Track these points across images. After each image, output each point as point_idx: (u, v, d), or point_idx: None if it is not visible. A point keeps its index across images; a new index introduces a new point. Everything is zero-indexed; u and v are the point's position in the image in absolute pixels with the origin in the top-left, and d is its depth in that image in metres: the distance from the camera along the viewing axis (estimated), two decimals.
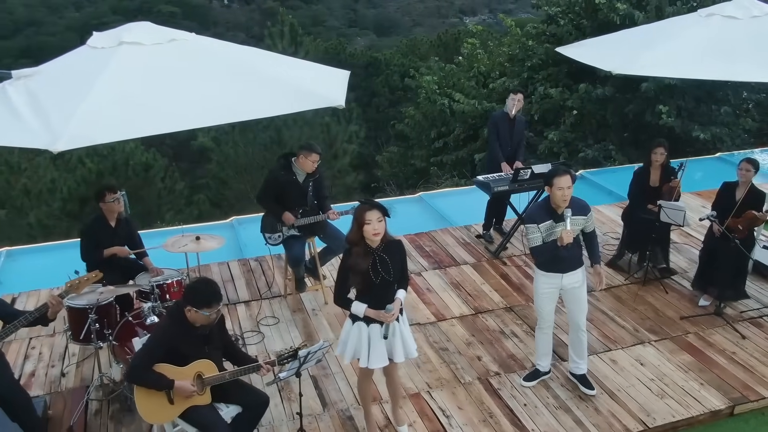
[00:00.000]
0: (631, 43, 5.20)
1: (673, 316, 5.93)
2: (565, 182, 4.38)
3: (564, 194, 4.38)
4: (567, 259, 4.58)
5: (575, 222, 4.47)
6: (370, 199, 3.92)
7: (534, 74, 13.76)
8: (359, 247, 3.93)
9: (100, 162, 22.92)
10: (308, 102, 3.61)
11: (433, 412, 4.74)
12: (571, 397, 4.89)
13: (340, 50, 30.11)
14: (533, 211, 4.64)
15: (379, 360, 4.11)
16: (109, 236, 5.29)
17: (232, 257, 7.36)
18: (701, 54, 4.60)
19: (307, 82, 3.77)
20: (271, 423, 4.65)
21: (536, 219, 4.51)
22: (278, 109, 3.63)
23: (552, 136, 12.06)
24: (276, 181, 5.74)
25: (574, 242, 4.54)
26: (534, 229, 4.50)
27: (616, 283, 6.53)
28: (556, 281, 4.65)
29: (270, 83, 3.57)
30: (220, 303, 3.82)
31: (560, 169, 4.45)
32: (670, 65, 4.82)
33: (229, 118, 3.45)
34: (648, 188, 6.47)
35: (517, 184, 6.74)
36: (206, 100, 3.35)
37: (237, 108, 3.42)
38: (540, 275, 4.71)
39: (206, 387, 3.93)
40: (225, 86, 3.47)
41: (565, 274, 4.63)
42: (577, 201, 4.56)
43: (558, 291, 4.73)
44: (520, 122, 7.12)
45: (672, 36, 4.87)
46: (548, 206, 4.52)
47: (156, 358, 3.80)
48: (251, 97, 3.47)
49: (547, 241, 4.50)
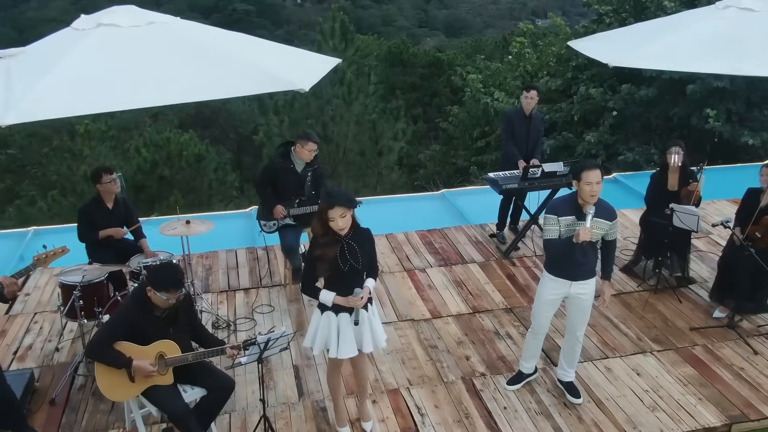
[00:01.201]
0: (637, 36, 4.93)
1: (683, 326, 5.61)
2: (595, 177, 4.09)
3: (592, 189, 4.09)
4: (579, 266, 4.30)
5: (598, 224, 4.19)
6: (334, 191, 3.84)
7: (579, 74, 13.36)
8: (328, 236, 3.86)
9: (155, 152, 23.71)
10: (268, 85, 3.57)
11: (408, 410, 4.63)
12: (556, 403, 4.68)
13: (403, 50, 30.10)
14: (557, 202, 4.37)
15: (348, 350, 4.03)
16: (105, 217, 5.39)
17: (245, 245, 7.41)
18: (705, 47, 4.31)
19: (273, 65, 3.73)
20: (244, 409, 4.64)
21: (558, 211, 4.24)
22: (234, 91, 3.61)
23: (590, 138, 11.68)
24: (273, 169, 5.75)
25: (591, 250, 4.28)
26: (553, 220, 4.24)
27: (627, 289, 6.24)
28: (563, 288, 4.41)
29: (233, 65, 3.55)
30: (178, 290, 3.82)
31: (590, 163, 4.17)
32: (669, 58, 4.54)
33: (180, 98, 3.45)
34: (666, 192, 6.14)
35: (527, 183, 6.52)
36: (162, 81, 3.35)
37: (192, 89, 3.42)
38: (547, 279, 4.47)
39: (168, 367, 3.94)
40: (186, 68, 3.47)
41: (575, 282, 4.36)
42: (605, 205, 4.28)
43: (562, 299, 4.50)
44: (536, 119, 6.87)
45: (680, 28, 4.59)
46: (574, 201, 4.23)
47: (117, 336, 3.84)
48: (209, 79, 3.46)
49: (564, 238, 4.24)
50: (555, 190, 6.77)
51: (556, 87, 13.23)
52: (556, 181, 6.55)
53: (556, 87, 13.24)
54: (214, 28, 4.17)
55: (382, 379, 4.96)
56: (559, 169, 6.49)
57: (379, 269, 4.29)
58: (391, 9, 64.74)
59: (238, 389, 4.85)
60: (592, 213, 4.14)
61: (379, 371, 5.05)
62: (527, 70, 16.28)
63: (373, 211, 9.15)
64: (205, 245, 7.24)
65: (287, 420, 4.54)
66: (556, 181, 6.55)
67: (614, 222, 4.30)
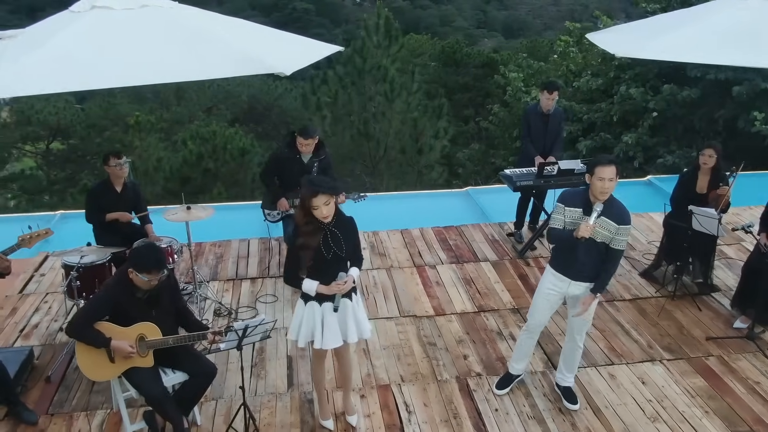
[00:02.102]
0: (653, 28, 4.68)
1: (699, 335, 5.32)
2: (608, 173, 3.89)
3: (604, 186, 3.90)
4: (581, 265, 4.10)
5: (604, 224, 3.98)
6: (316, 179, 3.77)
7: (621, 73, 12.93)
8: (311, 225, 3.80)
9: (201, 144, 24.18)
10: (249, 68, 3.52)
11: (396, 406, 4.52)
12: (550, 408, 4.49)
13: (456, 50, 29.94)
14: (568, 192, 4.18)
15: (333, 340, 3.95)
16: (113, 201, 5.46)
17: (260, 236, 7.41)
18: (720, 39, 4.03)
19: (258, 49, 3.67)
20: (231, 397, 4.60)
21: (567, 201, 4.08)
22: (213, 73, 3.57)
23: (628, 139, 11.26)
24: (278, 158, 5.71)
25: (596, 254, 4.06)
26: (560, 210, 4.08)
27: (644, 294, 5.96)
28: (563, 286, 4.23)
29: (217, 47, 3.50)
30: (160, 271, 3.80)
31: (604, 159, 3.96)
32: (680, 50, 4.27)
33: (158, 79, 3.43)
34: (693, 194, 5.83)
35: (543, 180, 6.31)
36: (144, 61, 3.34)
37: (170, 70, 3.40)
38: (548, 272, 4.31)
39: (149, 350, 3.94)
40: (168, 49, 3.45)
41: (574, 282, 4.18)
42: (620, 207, 4.04)
43: (561, 297, 4.31)
44: (555, 117, 6.61)
45: (696, 20, 4.32)
46: (585, 196, 4.05)
47: (97, 315, 3.85)
48: (189, 60, 3.43)
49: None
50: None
51: (597, 86, 12.84)
52: (573, 179, 6.31)
53: (596, 86, 12.85)
54: (209, 13, 4.15)
55: (375, 374, 4.86)
56: (576, 167, 6.26)
57: (363, 259, 4.19)
58: (449, 9, 64.31)
59: (228, 376, 4.86)
60: (599, 210, 3.93)
61: (373, 366, 4.95)
62: (570, 69, 15.89)
63: (394, 207, 9.10)
64: (223, 234, 7.30)
65: (272, 410, 4.49)
66: (573, 180, 6.31)
67: (623, 228, 4.00)
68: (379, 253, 6.84)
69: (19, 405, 4.38)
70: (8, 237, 4.19)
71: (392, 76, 21.23)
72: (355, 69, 23.54)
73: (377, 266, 6.55)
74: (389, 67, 22.05)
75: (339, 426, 4.32)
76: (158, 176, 20.61)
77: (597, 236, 4.01)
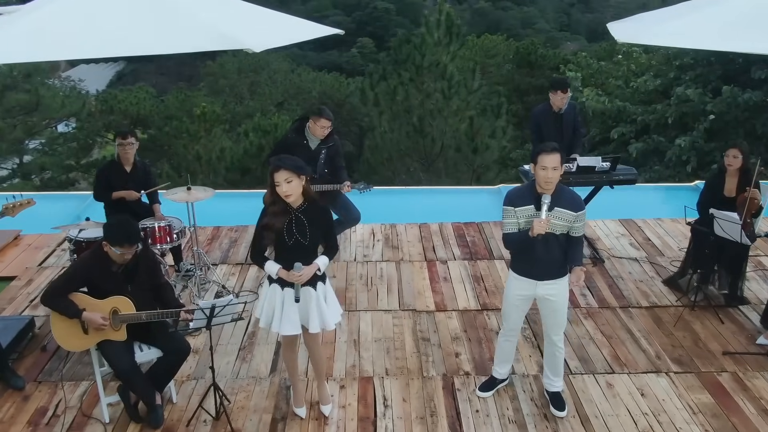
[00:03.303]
0: (668, 14, 4.33)
1: (716, 349, 4.93)
2: (551, 161, 3.68)
3: (547, 175, 3.69)
4: (543, 264, 3.89)
5: (560, 216, 3.77)
6: (283, 158, 3.69)
7: (682, 74, 12.27)
8: (277, 206, 3.73)
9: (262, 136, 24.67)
10: (218, 43, 3.47)
11: (374, 399, 4.39)
12: (535, 414, 4.25)
13: (531, 51, 29.44)
14: (513, 192, 3.95)
15: (290, 326, 3.86)
16: (122, 179, 5.56)
17: None
18: (730, 25, 3.68)
19: (231, 25, 3.61)
20: (212, 377, 4.59)
21: (515, 201, 3.86)
22: (181, 47, 3.54)
23: (681, 142, 10.65)
24: (284, 143, 5.67)
25: (556, 247, 3.86)
26: (510, 213, 3.86)
27: (664, 302, 5.59)
28: (529, 289, 4.00)
29: (187, 22, 3.46)
30: (132, 245, 3.82)
31: (548, 146, 3.74)
32: (683, 36, 3.93)
33: (127, 52, 3.43)
34: (721, 198, 5.44)
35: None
36: (115, 35, 3.34)
37: (139, 43, 3.38)
38: (512, 278, 4.08)
39: (122, 324, 3.97)
40: (141, 23, 3.43)
41: (541, 282, 3.95)
42: (570, 194, 3.88)
43: (530, 300, 4.08)
44: (569, 115, 6.19)
45: (710, 5, 3.96)
46: (532, 190, 3.83)
47: (72, 286, 3.91)
48: (159, 34, 3.40)
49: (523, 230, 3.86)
50: (596, 188, 6.21)
51: (655, 87, 12.22)
52: (594, 177, 5.99)
53: (654, 87, 12.23)
54: None
55: (360, 366, 4.75)
56: (597, 164, 5.92)
57: (339, 249, 4.08)
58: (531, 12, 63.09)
59: (215, 358, 4.83)
60: (547, 202, 3.72)
61: (360, 357, 4.84)
62: (631, 69, 15.25)
63: (421, 201, 8.95)
64: (248, 219, 7.34)
65: (249, 393, 4.45)
66: (594, 178, 5.99)
67: (580, 213, 3.82)
68: (392, 245, 6.72)
69: (7, 370, 4.52)
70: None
71: (451, 74, 21.00)
72: (413, 65, 23.41)
73: (387, 258, 6.43)
74: (448, 64, 21.82)
75: (312, 414, 4.23)
76: (220, 166, 21.12)
77: (555, 229, 3.80)
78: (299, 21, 4.65)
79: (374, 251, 6.59)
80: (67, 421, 4.15)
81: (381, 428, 4.12)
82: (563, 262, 3.91)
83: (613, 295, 5.71)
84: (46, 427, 4.13)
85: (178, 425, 4.13)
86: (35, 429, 4.11)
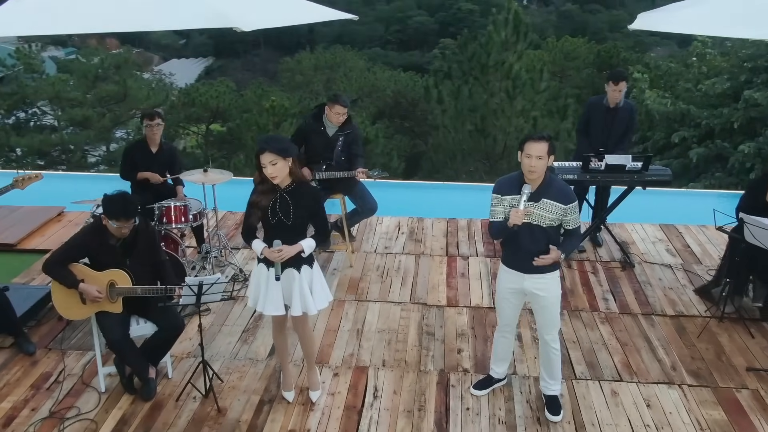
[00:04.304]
0: (690, 2, 4.04)
1: (739, 364, 4.60)
2: (536, 150, 3.52)
3: (531, 164, 3.54)
4: (530, 256, 3.72)
5: (547, 208, 3.62)
6: (270, 138, 3.67)
7: (754, 77, 11.54)
8: (265, 185, 3.73)
9: None
10: (211, 21, 3.47)
11: (365, 389, 4.32)
12: (528, 416, 4.08)
13: (614, 54, 28.69)
14: (502, 180, 3.81)
15: (272, 307, 3.85)
16: (148, 160, 5.71)
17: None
18: (749, 11, 3.38)
19: (224, 3, 3.62)
20: (212, 357, 4.65)
21: (503, 190, 3.73)
22: (171, 24, 3.57)
23: (745, 148, 10.01)
24: (303, 130, 5.68)
25: (544, 240, 3.69)
26: (497, 201, 3.74)
27: (691, 312, 5.26)
28: (517, 282, 3.86)
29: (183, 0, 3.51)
30: (129, 219, 3.90)
31: (536, 134, 3.60)
32: (697, 23, 3.64)
33: (122, 27, 3.50)
34: (764, 204, 5.06)
35: (589, 175, 5.73)
36: (114, 10, 3.42)
37: (134, 19, 3.44)
38: (502, 269, 3.96)
39: (118, 296, 4.07)
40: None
41: (529, 275, 3.80)
42: (560, 185, 3.70)
43: (520, 294, 3.93)
44: (624, 111, 5.89)
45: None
46: (520, 179, 3.69)
47: (71, 256, 4.04)
48: (153, 10, 3.45)
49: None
50: (628, 189, 5.89)
51: (723, 90, 11.54)
52: (625, 177, 5.68)
53: (722, 90, 11.55)
54: None
55: (358, 355, 4.69)
56: (627, 163, 5.62)
57: (331, 233, 4.04)
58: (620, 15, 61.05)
59: (217, 338, 4.92)
60: (527, 192, 3.56)
61: (360, 347, 4.79)
62: (702, 72, 14.48)
63: (460, 196, 8.78)
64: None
65: (243, 374, 4.47)
66: (625, 178, 5.69)
67: (570, 206, 3.65)
68: (415, 239, 6.62)
69: (21, 336, 4.72)
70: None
71: (516, 73, 20.60)
72: (479, 64, 23.10)
73: (408, 251, 6.34)
74: (514, 63, 21.40)
75: (300, 399, 4.21)
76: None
77: (542, 221, 3.64)
78: (309, 4, 4.63)
79: (396, 243, 6.52)
80: (66, 388, 4.30)
81: (366, 418, 4.06)
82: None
83: (637, 301, 5.42)
84: (47, 391, 4.29)
85: (168, 399, 4.20)
86: (36, 392, 4.28)
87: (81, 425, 3.97)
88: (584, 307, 5.34)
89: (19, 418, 4.04)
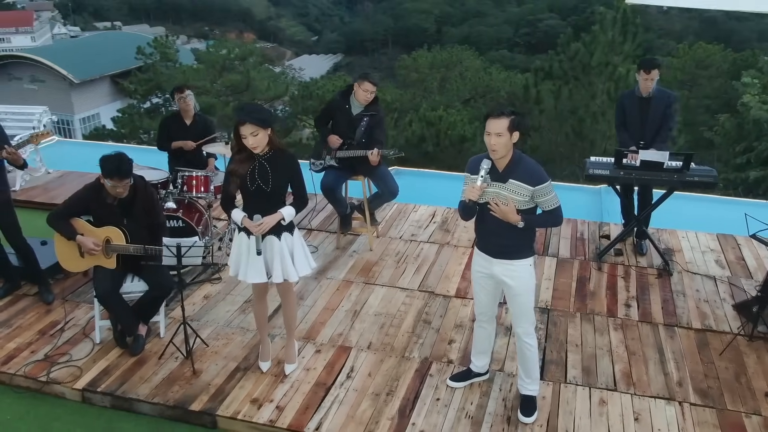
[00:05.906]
0: None
1: (759, 388, 4.12)
2: (495, 126, 3.31)
3: (491, 142, 3.34)
4: (496, 238, 3.55)
5: (514, 189, 3.43)
6: (249, 107, 3.67)
7: None
8: (242, 153, 3.77)
9: (424, 128, 24.98)
10: None
11: (341, 369, 4.27)
12: (498, 414, 3.87)
13: (751, 63, 27.02)
14: (473, 159, 3.63)
15: (255, 275, 3.89)
16: (182, 131, 5.94)
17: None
18: None
19: None
20: (208, 323, 4.77)
21: (471, 168, 3.57)
22: None
23: None
24: (330, 105, 5.73)
25: (510, 227, 3.48)
26: (467, 179, 3.59)
27: (721, 328, 4.77)
28: (487, 267, 3.69)
29: None
30: (123, 179, 4.08)
31: (496, 110, 3.36)
32: None
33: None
34: None
35: (623, 172, 5.32)
36: None
37: None
38: (475, 252, 3.81)
39: (113, 253, 4.27)
40: None
41: (496, 260, 3.62)
42: (529, 165, 3.48)
43: (491, 280, 3.73)
44: (659, 101, 5.46)
45: None
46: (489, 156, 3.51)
47: (72, 210, 4.28)
48: None
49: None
50: (669, 191, 5.43)
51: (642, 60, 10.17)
52: (663, 176, 5.24)
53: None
54: None
55: (346, 335, 4.64)
56: (664, 161, 5.16)
57: (308, 201, 4.01)
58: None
59: (219, 305, 5.05)
60: (485, 168, 3.35)
61: (351, 328, 4.74)
62: None
63: None
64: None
65: (228, 341, 4.56)
66: (663, 177, 5.24)
67: (539, 187, 3.41)
68: (445, 229, 6.46)
69: (44, 285, 5.07)
70: None
71: (619, 75, 19.62)
72: (580, 63, 22.20)
73: (433, 240, 6.20)
74: (619, 64, 20.39)
75: (274, 371, 4.23)
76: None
77: (517, 204, 3.44)
78: None
79: (424, 232, 6.38)
80: (66, 336, 4.57)
81: (331, 395, 4.01)
82: (519, 244, 3.52)
83: (662, 311, 4.99)
84: (50, 337, 4.58)
85: (152, 357, 4.36)
86: (41, 337, 4.58)
87: (67, 371, 4.21)
88: (600, 311, 4.98)
89: (18, 358, 4.34)
